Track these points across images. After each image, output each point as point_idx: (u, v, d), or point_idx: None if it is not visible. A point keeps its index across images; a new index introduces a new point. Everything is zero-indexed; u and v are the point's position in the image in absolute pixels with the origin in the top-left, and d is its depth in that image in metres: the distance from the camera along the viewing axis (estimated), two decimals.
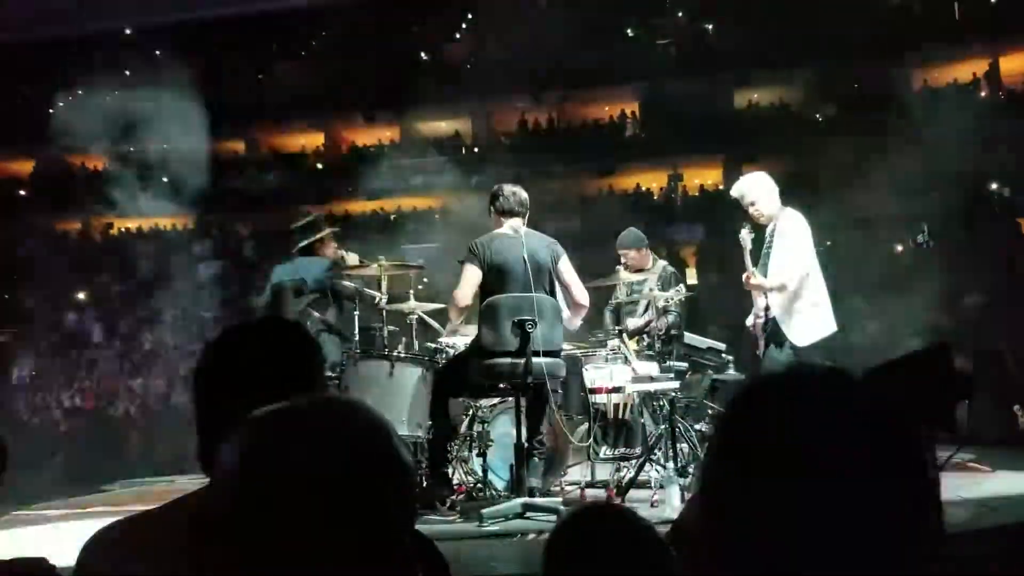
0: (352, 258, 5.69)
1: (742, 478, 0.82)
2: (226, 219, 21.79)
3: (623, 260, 6.03)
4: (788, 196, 5.51)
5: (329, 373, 4.90)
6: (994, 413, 8.09)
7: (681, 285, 5.75)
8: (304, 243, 5.98)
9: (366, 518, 0.88)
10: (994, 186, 18.45)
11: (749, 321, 5.43)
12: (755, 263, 5.27)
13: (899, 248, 18.16)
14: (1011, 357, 8.54)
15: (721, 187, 19.52)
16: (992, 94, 20.07)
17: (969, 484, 4.75)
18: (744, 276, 5.21)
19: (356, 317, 5.21)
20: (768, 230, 5.30)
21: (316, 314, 5.37)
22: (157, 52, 23.91)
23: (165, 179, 23.05)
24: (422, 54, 22.48)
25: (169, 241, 21.30)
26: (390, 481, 0.92)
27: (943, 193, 17.37)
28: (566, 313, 4.87)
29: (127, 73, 24.16)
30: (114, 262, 20.11)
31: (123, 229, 23.21)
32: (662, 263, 6.25)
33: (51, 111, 23.14)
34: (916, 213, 17.84)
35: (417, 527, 1.04)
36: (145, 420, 13.10)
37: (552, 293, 4.74)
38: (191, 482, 5.08)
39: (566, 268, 4.82)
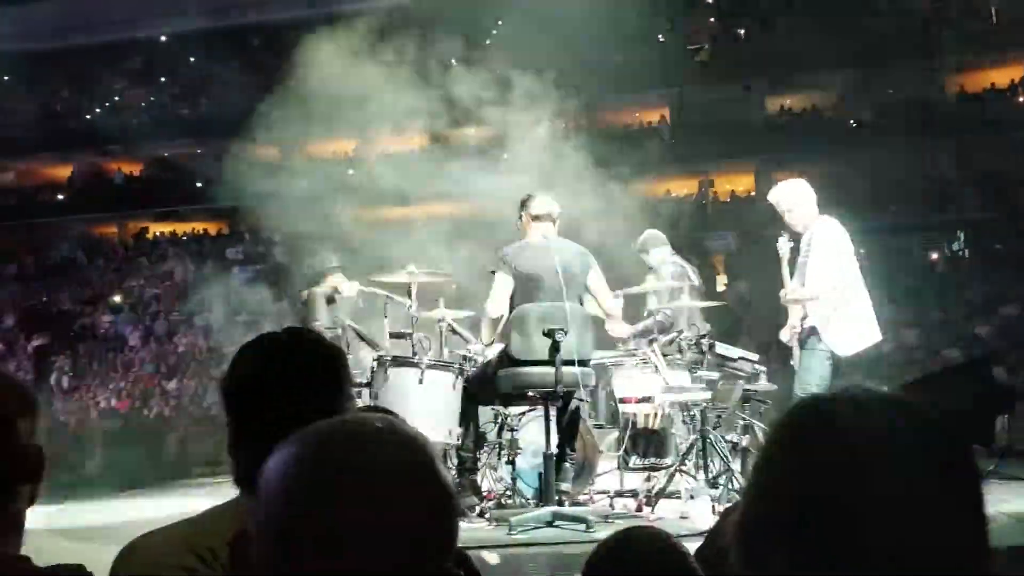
0: (349, 288, 5.70)
1: (781, 514, 0.80)
2: (259, 224, 22.01)
3: (644, 259, 6.03)
4: (822, 203, 5.44)
5: (360, 380, 4.93)
6: None
7: (685, 284, 5.56)
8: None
9: (411, 543, 0.88)
10: None
11: (784, 335, 5.34)
12: (791, 273, 5.20)
13: (934, 256, 17.90)
14: None
15: (752, 193, 19.41)
16: None
17: (1009, 498, 4.66)
18: (782, 292, 5.14)
19: (386, 324, 5.23)
20: (804, 239, 5.22)
21: (349, 321, 5.41)
22: (196, 56, 24.33)
23: (200, 184, 23.40)
24: (453, 60, 22.58)
25: (204, 245, 21.59)
26: (435, 506, 0.92)
27: (978, 201, 17.11)
28: (620, 331, 4.87)
29: (162, 79, 24.61)
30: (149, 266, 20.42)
31: (158, 233, 23.54)
32: (672, 259, 6.09)
33: (88, 116, 23.59)
34: (951, 221, 17.61)
35: None
36: (179, 421, 13.28)
37: (582, 302, 4.72)
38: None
39: (597, 278, 4.81)
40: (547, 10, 19.59)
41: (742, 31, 21.57)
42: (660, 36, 21.66)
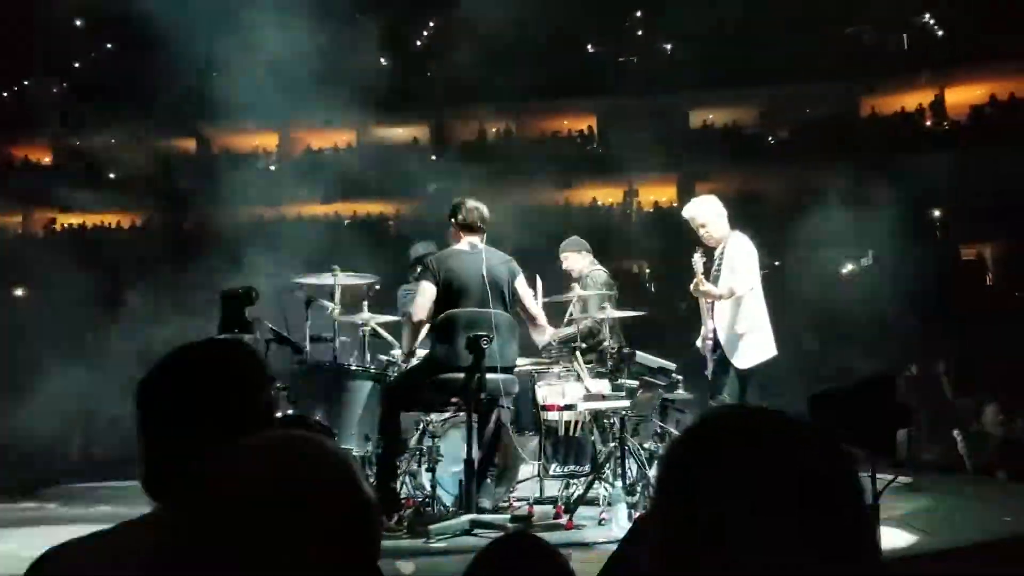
0: None
1: (689, 528, 0.84)
2: (174, 218, 21.43)
3: (563, 265, 6.08)
4: (738, 217, 5.62)
5: (279, 384, 4.84)
6: (934, 437, 8.32)
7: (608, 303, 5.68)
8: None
9: (331, 557, 0.89)
10: (937, 213, 18.99)
11: (699, 343, 5.52)
12: None
13: (844, 270, 18.56)
14: (948, 381, 8.78)
15: (675, 204, 19.80)
16: (936, 124, 20.69)
17: (906, 507, 4.86)
18: (692, 284, 5.28)
19: (308, 327, 5.15)
20: (717, 252, 5.40)
21: (266, 323, 5.29)
22: (108, 45, 23.50)
23: (112, 175, 22.61)
24: (382, 60, 22.38)
25: (115, 239, 20.88)
26: (354, 520, 0.93)
27: (888, 218, 17.84)
28: (542, 338, 4.91)
29: (76, 65, 23.71)
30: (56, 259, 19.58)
31: (67, 225, 22.67)
32: (593, 267, 6.17)
33: None
34: (862, 237, 18.30)
35: None
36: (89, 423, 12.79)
37: (508, 310, 4.74)
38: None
39: (523, 286, 4.84)
40: (477, 16, 19.66)
41: (668, 46, 22.02)
42: (589, 46, 21.96)
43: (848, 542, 0.83)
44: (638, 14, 22.39)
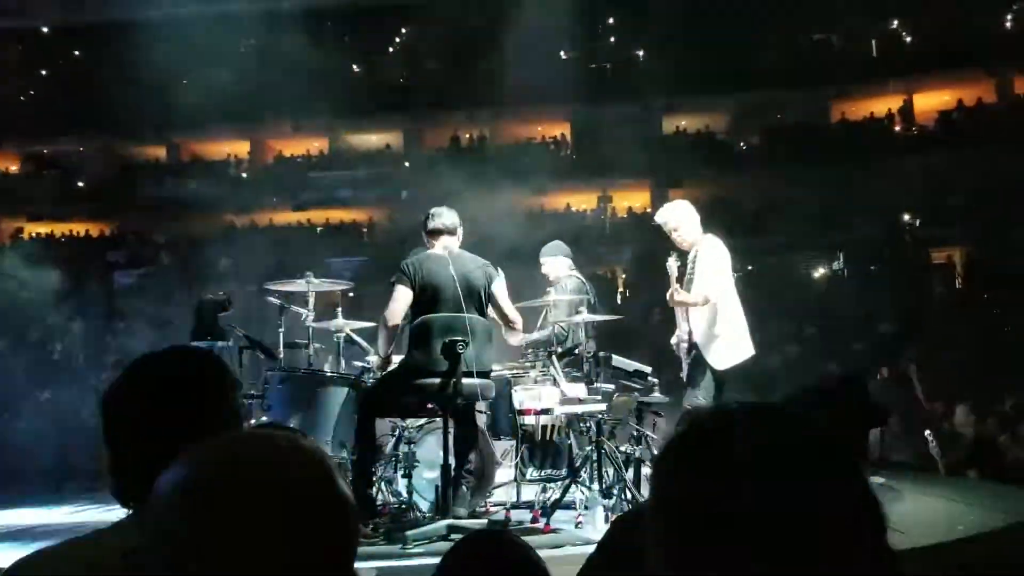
0: None
1: (685, 532, 0.83)
2: (144, 227, 21.22)
3: (543, 269, 6.08)
4: (711, 222, 5.66)
5: (253, 391, 4.80)
6: (906, 438, 8.40)
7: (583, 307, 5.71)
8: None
9: (307, 556, 0.87)
10: (907, 217, 19.25)
11: (673, 340, 5.54)
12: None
13: (816, 275, 18.76)
14: (920, 383, 8.88)
15: (649, 210, 19.91)
16: (906, 129, 20.99)
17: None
18: (668, 293, 5.32)
19: (281, 334, 5.11)
20: (690, 256, 5.44)
21: (239, 330, 5.25)
22: (76, 52, 23.21)
23: (81, 184, 22.33)
24: (354, 66, 22.32)
25: (83, 248, 20.61)
26: (331, 518, 0.91)
27: (859, 223, 18.07)
28: (513, 337, 4.89)
29: (44, 72, 23.40)
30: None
31: (35, 234, 22.34)
32: (570, 274, 6.19)
33: None
34: (833, 241, 18.52)
35: None
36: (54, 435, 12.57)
37: (484, 314, 4.73)
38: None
39: (500, 290, 4.82)
40: (450, 23, 19.66)
41: (640, 52, 22.17)
42: (562, 53, 22.03)
43: (850, 540, 0.83)
44: (611, 21, 22.53)
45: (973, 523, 4.33)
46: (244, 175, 22.64)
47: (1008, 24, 20.78)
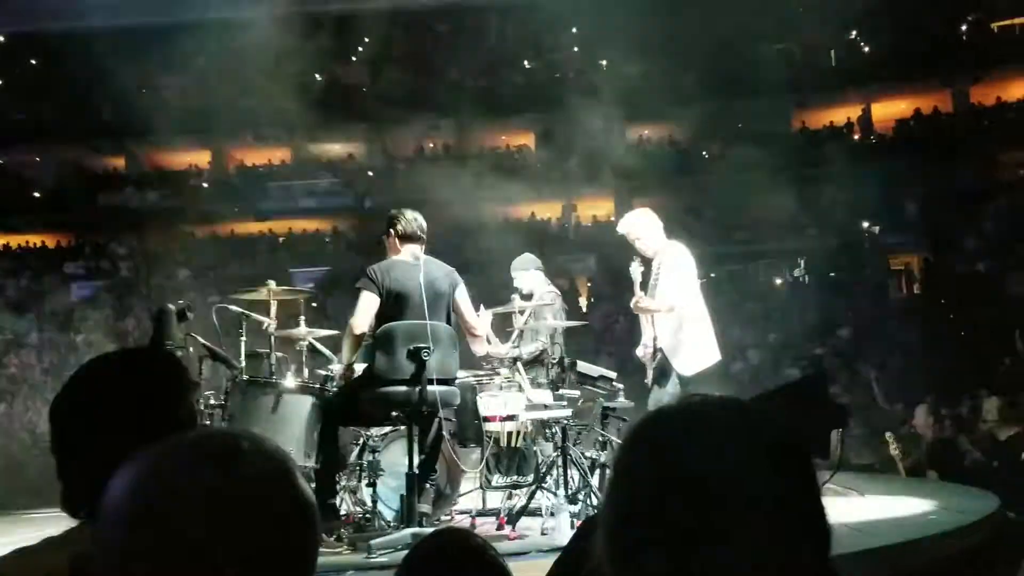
0: None
1: (644, 511, 0.82)
2: (102, 237, 20.85)
3: (516, 283, 6.08)
4: (674, 230, 5.69)
5: (213, 401, 4.72)
6: (866, 440, 8.52)
7: (562, 316, 5.78)
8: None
9: (266, 560, 0.85)
10: (866, 224, 19.55)
11: (639, 351, 5.57)
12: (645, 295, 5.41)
13: (778, 281, 18.97)
14: (880, 387, 9.01)
15: (613, 218, 20.02)
16: (864, 138, 21.36)
17: (841, 508, 4.95)
18: (632, 300, 5.34)
19: (243, 343, 5.03)
20: (654, 263, 5.47)
21: (200, 339, 5.16)
22: (33, 61, 22.80)
23: (37, 194, 21.89)
24: (316, 75, 22.18)
25: (41, 259, 20.21)
26: (291, 521, 0.89)
27: (819, 230, 18.32)
28: (481, 350, 4.88)
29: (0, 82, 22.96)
30: None
31: None
32: (547, 288, 6.24)
33: None
34: (794, 248, 18.75)
35: None
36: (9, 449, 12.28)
37: (449, 321, 4.70)
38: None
39: (463, 298, 4.80)
40: (414, 32, 19.66)
41: (604, 62, 22.32)
42: (526, 63, 22.12)
43: (800, 531, 0.83)
44: (574, 31, 22.66)
45: (935, 522, 4.39)
46: (205, 185, 22.37)
47: (963, 35, 21.27)
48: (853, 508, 5.04)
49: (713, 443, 0.83)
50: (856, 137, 21.38)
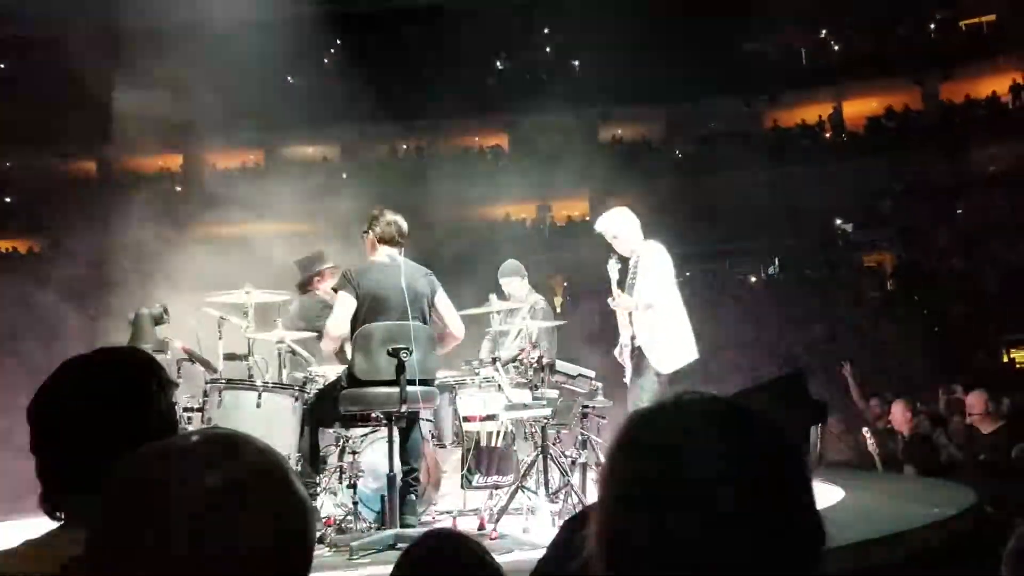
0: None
1: (637, 511, 0.82)
2: (75, 243, 20.57)
3: (504, 289, 6.13)
4: (648, 229, 5.72)
5: (192, 404, 4.69)
6: (844, 436, 8.60)
7: (549, 319, 5.87)
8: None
9: (263, 561, 0.85)
10: (839, 222, 19.76)
11: (616, 351, 5.58)
12: (622, 293, 5.43)
13: (752, 279, 19.11)
14: (856, 383, 9.10)
15: (587, 218, 20.08)
16: (836, 136, 21.57)
17: (819, 503, 4.99)
18: (610, 299, 5.37)
19: (220, 345, 5.00)
20: (632, 262, 5.49)
21: (177, 343, 5.12)
22: (2, 65, 22.48)
23: (9, 199, 21.60)
24: (289, 77, 22.06)
25: (12, 265, 19.94)
26: (287, 520, 0.88)
27: (793, 228, 18.48)
28: (449, 348, 4.89)
29: None
30: None
31: None
32: (536, 296, 6.34)
33: None
34: (767, 247, 18.92)
35: None
36: None
37: (425, 323, 4.69)
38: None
39: (443, 299, 4.80)
40: (385, 35, 19.60)
41: (576, 63, 22.39)
42: (499, 63, 22.13)
43: (790, 535, 0.83)
44: (546, 31, 22.71)
45: (912, 517, 4.44)
46: (178, 188, 22.16)
47: (933, 33, 21.55)
48: (831, 503, 5.09)
49: (707, 440, 0.84)
50: (828, 135, 21.60)
